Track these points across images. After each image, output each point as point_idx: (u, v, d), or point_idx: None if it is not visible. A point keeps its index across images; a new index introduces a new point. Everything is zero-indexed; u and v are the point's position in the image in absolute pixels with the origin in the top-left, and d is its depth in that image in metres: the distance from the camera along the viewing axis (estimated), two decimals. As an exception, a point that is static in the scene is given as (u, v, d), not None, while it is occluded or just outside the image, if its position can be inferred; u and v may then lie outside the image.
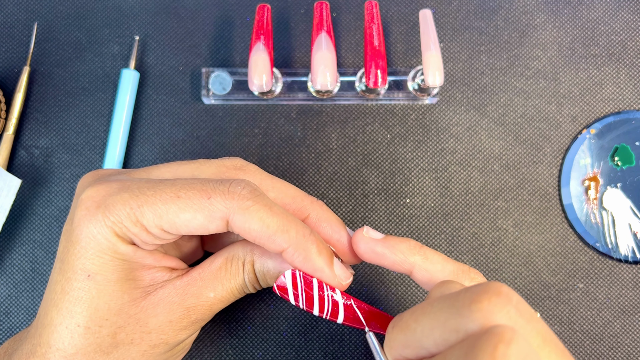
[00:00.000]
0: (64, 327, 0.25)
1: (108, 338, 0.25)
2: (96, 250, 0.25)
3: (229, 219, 0.25)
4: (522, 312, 0.20)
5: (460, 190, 0.38)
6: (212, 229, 0.25)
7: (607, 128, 0.38)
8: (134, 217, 0.25)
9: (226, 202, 0.25)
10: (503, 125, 0.39)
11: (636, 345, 0.37)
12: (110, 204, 0.25)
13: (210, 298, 0.27)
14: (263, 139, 0.39)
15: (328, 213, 0.29)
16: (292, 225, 0.26)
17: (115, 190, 0.25)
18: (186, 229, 0.25)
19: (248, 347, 0.36)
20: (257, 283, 0.28)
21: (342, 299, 0.27)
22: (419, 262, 0.27)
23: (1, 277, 0.37)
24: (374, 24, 0.36)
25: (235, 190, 0.25)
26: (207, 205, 0.25)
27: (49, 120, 0.38)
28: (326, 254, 0.26)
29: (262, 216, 0.25)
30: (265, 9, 0.36)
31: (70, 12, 0.40)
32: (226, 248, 0.28)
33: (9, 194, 0.35)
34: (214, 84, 0.38)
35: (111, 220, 0.25)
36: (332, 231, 0.29)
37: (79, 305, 0.25)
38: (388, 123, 0.39)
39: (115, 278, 0.25)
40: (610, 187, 0.38)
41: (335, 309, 0.27)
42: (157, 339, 0.26)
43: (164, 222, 0.25)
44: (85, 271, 0.25)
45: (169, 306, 0.26)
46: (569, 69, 0.39)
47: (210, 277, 0.27)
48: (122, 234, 0.25)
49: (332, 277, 0.27)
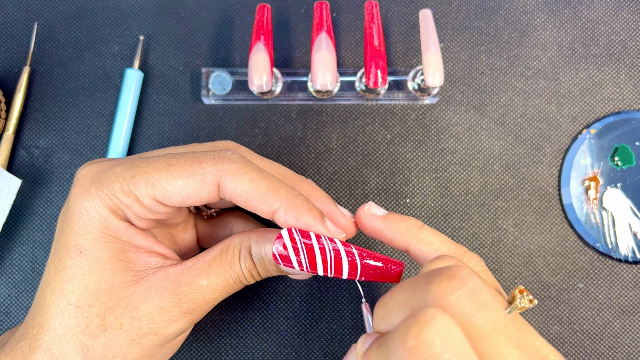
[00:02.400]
0: (56, 305, 0.25)
1: (97, 319, 0.25)
2: (88, 226, 0.25)
3: (220, 182, 0.26)
4: (474, 297, 0.20)
5: (461, 190, 0.38)
6: (204, 196, 0.26)
7: (607, 128, 0.38)
8: (126, 187, 0.25)
9: (217, 166, 0.26)
10: (503, 125, 0.39)
11: (636, 345, 0.37)
12: (103, 178, 0.26)
13: (203, 286, 0.27)
14: (263, 139, 0.39)
15: (317, 190, 0.30)
16: (281, 185, 0.26)
17: (108, 166, 0.26)
18: (179, 197, 0.26)
19: (248, 347, 0.36)
20: (254, 269, 0.28)
21: (342, 247, 0.27)
22: (414, 242, 0.27)
23: (1, 277, 0.37)
24: (374, 24, 0.36)
25: (225, 155, 0.26)
26: (198, 169, 0.25)
27: (49, 120, 0.38)
28: (317, 211, 0.27)
29: (252, 177, 0.26)
30: (265, 9, 0.36)
31: (70, 12, 0.40)
32: (223, 240, 0.28)
33: (9, 194, 0.35)
34: (214, 84, 0.38)
35: (104, 192, 0.25)
36: (321, 205, 0.29)
37: (71, 283, 0.25)
38: (388, 123, 0.39)
39: (106, 256, 0.26)
40: (610, 187, 0.38)
41: (339, 259, 0.26)
42: (146, 327, 0.26)
43: (157, 191, 0.25)
44: (78, 247, 0.26)
45: (161, 292, 0.26)
46: (569, 69, 0.39)
47: (205, 266, 0.27)
48: (115, 207, 0.25)
49: (326, 231, 0.27)
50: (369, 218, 0.28)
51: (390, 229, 0.28)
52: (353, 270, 0.27)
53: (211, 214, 0.33)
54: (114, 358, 0.26)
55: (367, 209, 0.28)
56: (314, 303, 0.37)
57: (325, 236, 0.27)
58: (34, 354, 0.25)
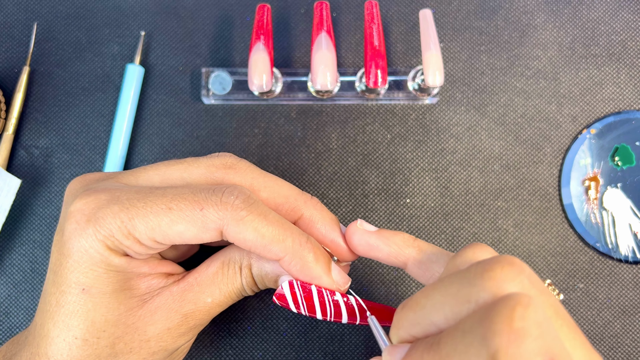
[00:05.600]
0: (62, 339, 0.25)
1: (107, 349, 0.25)
2: (89, 264, 0.25)
3: (223, 229, 0.25)
4: (534, 283, 0.20)
5: (461, 190, 0.38)
6: (205, 239, 0.25)
7: (607, 128, 0.38)
8: (125, 230, 0.24)
9: (219, 213, 0.24)
10: (503, 125, 0.39)
11: (636, 345, 0.37)
12: (100, 218, 0.24)
13: (207, 303, 0.27)
14: (263, 139, 0.39)
15: (322, 212, 0.29)
16: (287, 233, 0.25)
17: (104, 203, 0.25)
18: (179, 240, 0.25)
19: (248, 347, 0.36)
20: (255, 286, 0.28)
21: (342, 299, 0.27)
22: (414, 254, 0.27)
23: (1, 277, 0.37)
24: (374, 24, 0.36)
25: (228, 201, 0.25)
26: (199, 216, 0.24)
27: (48, 120, 0.38)
28: (323, 260, 0.26)
29: (256, 226, 0.25)
30: (265, 9, 0.36)
31: (70, 12, 0.40)
32: (222, 251, 0.28)
33: (8, 194, 0.35)
34: (214, 84, 0.38)
35: (102, 234, 0.24)
36: (326, 231, 0.28)
37: (75, 319, 0.25)
38: (388, 123, 0.39)
39: (110, 290, 0.25)
40: (611, 187, 0.38)
41: (338, 310, 0.27)
42: (156, 346, 0.26)
43: (157, 234, 0.25)
44: (80, 285, 0.25)
45: (167, 313, 0.26)
46: (569, 69, 0.39)
47: (207, 282, 0.27)
48: (115, 247, 0.25)
49: (331, 284, 0.26)
50: (363, 235, 0.27)
51: (387, 243, 0.27)
52: (352, 319, 0.27)
53: None
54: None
55: (360, 225, 0.28)
56: (314, 303, 0.37)
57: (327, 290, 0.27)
58: None
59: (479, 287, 0.20)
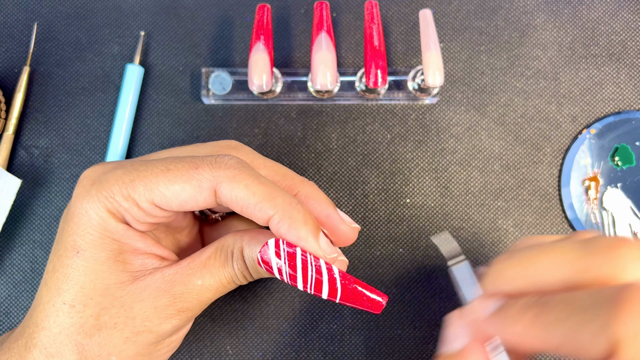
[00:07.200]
0: (51, 305, 0.26)
1: (91, 319, 0.26)
2: (87, 227, 0.26)
3: (217, 188, 0.25)
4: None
5: (461, 190, 0.38)
6: (201, 201, 0.26)
7: (607, 128, 0.38)
8: (125, 191, 0.25)
9: (213, 172, 0.25)
10: (503, 125, 0.39)
11: (636, 345, 0.37)
12: (103, 180, 0.26)
13: (197, 286, 0.27)
14: (263, 139, 0.39)
15: (318, 192, 0.29)
16: (278, 193, 0.26)
17: (110, 168, 0.26)
18: (176, 202, 0.26)
19: (248, 347, 0.36)
20: (246, 271, 0.28)
21: (325, 266, 0.26)
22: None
23: (1, 277, 0.37)
24: (374, 24, 0.36)
25: (222, 160, 0.26)
26: (195, 175, 0.25)
27: (48, 120, 0.38)
28: (312, 224, 0.26)
29: (248, 184, 0.25)
30: (265, 9, 0.36)
31: (70, 12, 0.40)
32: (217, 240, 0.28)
33: (9, 194, 0.35)
34: (214, 84, 0.38)
35: (103, 195, 0.25)
36: (320, 208, 0.28)
37: (66, 282, 0.26)
38: (388, 123, 0.39)
39: (103, 257, 0.26)
40: (611, 187, 0.38)
41: (319, 282, 0.26)
42: (141, 325, 0.26)
43: (155, 196, 0.25)
44: (75, 247, 0.26)
45: (155, 292, 0.26)
46: (569, 69, 0.39)
47: (199, 266, 0.27)
48: (114, 209, 0.26)
49: (316, 248, 0.26)
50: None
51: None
52: (333, 292, 0.26)
53: (216, 218, 0.33)
54: (109, 356, 0.26)
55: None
56: (314, 303, 0.37)
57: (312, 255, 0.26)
58: (29, 353, 0.26)
59: (603, 259, 0.20)
